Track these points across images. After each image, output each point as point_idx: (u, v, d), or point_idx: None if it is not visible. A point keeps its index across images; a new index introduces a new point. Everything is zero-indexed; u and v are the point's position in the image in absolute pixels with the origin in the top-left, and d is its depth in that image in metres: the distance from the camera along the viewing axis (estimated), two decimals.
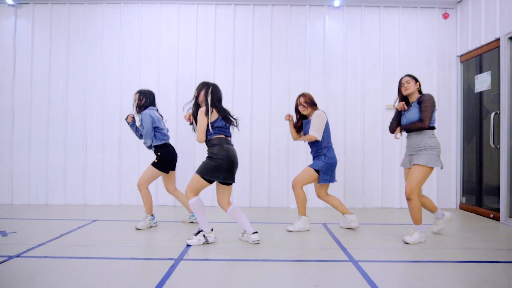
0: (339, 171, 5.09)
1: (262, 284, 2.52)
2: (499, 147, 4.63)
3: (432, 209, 3.84)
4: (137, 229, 4.08)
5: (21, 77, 5.71)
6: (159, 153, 4.11)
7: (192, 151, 5.65)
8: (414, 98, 3.64)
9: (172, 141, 5.35)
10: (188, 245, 3.43)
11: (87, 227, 4.18)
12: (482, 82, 5.10)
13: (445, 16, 5.69)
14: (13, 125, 5.68)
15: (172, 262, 2.95)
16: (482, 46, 5.08)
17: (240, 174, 5.54)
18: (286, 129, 5.57)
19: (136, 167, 5.62)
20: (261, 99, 5.66)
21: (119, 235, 3.85)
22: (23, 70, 5.71)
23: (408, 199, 3.51)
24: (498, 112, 4.66)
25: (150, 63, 5.70)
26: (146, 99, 4.17)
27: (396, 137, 3.76)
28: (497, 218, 4.68)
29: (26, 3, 5.70)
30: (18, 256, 3.07)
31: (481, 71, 5.16)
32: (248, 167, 5.63)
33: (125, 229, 4.11)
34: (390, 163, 5.65)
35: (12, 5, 5.66)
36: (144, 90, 4.23)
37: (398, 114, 3.73)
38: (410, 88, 3.60)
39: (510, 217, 4.52)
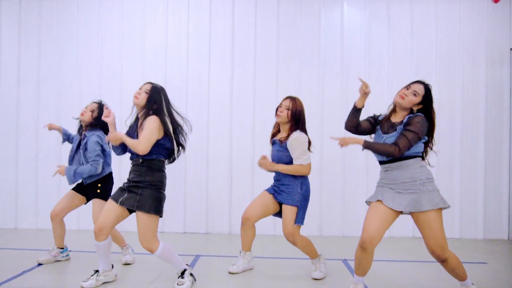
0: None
1: None
2: None
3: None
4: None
5: None
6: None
7: (183, 170, 5.37)
8: (401, 116, 2.86)
9: None
10: None
11: (58, 262, 3.95)
12: None
13: (495, 0, 5.24)
14: None
15: None
16: None
17: (239, 195, 5.33)
18: None
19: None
20: (265, 104, 5.35)
21: (88, 271, 3.48)
22: None
23: (443, 261, 2.78)
24: None
25: (134, 63, 5.51)
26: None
27: (341, 143, 2.85)
28: None
29: None
30: None
31: None
32: (249, 184, 5.37)
33: (95, 262, 3.73)
34: None
35: None
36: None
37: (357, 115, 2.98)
38: (411, 100, 2.80)
39: None
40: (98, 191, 3.77)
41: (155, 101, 3.16)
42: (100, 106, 3.79)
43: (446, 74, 5.34)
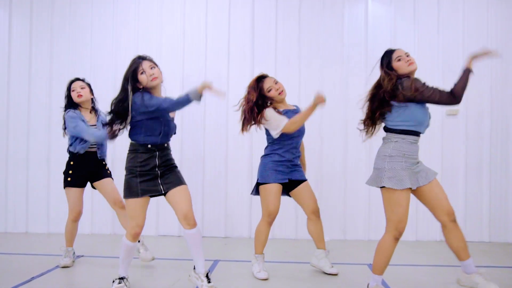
0: None
1: None
2: None
3: None
4: None
5: None
6: None
7: (201, 172, 5.35)
8: None
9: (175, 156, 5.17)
10: None
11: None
12: None
13: None
14: None
15: None
16: None
17: (258, 204, 5.30)
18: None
19: None
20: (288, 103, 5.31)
21: (107, 276, 3.46)
22: None
23: (454, 220, 2.95)
24: None
25: None
26: None
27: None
28: None
29: None
30: None
31: None
32: None
33: (115, 268, 3.67)
34: (452, 184, 5.19)
35: None
36: None
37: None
38: (415, 62, 3.05)
39: None
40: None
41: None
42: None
43: (474, 72, 5.30)
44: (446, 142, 5.26)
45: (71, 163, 3.89)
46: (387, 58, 3.09)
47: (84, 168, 3.87)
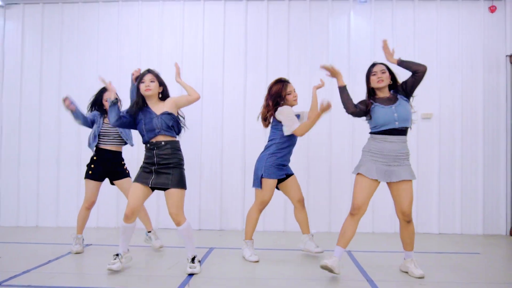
0: None
1: None
2: None
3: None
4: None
5: (9, 86, 5.96)
6: None
7: (198, 169, 5.77)
8: (385, 92, 3.53)
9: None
10: (190, 275, 3.48)
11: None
12: None
13: (492, 9, 5.66)
14: (1, 139, 5.92)
15: None
16: None
17: (252, 195, 5.52)
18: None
19: None
20: None
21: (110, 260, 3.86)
22: (12, 77, 5.96)
23: (408, 222, 3.47)
24: None
25: (151, 68, 5.72)
26: None
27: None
28: None
29: (16, 3, 5.96)
30: (0, 284, 3.18)
31: None
32: None
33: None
34: (426, 181, 5.61)
35: (1, 6, 5.94)
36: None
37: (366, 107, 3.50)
38: (385, 80, 3.46)
39: None
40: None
41: (162, 83, 3.69)
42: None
43: (446, 79, 5.66)
44: (421, 143, 5.62)
45: (95, 158, 4.34)
46: (368, 70, 3.61)
47: (104, 165, 4.29)
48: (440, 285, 3.32)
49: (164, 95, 3.69)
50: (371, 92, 3.56)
